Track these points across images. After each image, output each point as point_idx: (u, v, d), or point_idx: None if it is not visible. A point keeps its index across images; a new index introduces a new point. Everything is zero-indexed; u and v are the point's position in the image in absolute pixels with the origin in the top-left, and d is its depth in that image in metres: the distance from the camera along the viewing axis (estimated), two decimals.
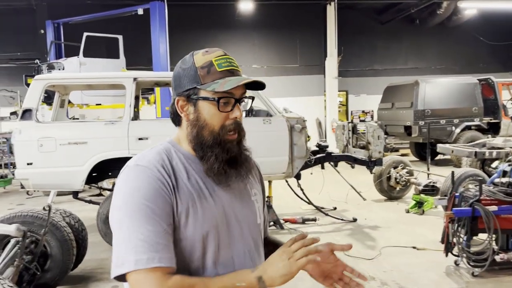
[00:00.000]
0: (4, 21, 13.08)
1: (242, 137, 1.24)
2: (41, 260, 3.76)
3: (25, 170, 4.88)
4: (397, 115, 11.68)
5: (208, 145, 1.19)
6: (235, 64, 1.22)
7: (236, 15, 13.83)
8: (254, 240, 1.27)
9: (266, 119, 5.44)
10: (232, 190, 1.24)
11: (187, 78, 1.20)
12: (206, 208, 1.16)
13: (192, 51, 1.24)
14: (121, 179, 1.16)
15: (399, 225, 5.96)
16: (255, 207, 1.30)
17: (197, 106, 1.19)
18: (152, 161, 1.16)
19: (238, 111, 1.20)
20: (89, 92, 8.52)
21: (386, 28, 15.68)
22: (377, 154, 6.11)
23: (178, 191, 1.15)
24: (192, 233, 1.14)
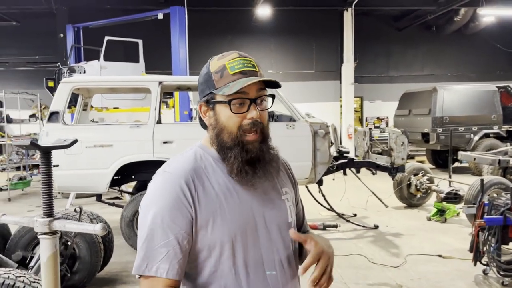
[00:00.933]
0: (24, 24, 13.30)
1: (265, 137, 1.23)
2: (70, 261, 3.78)
3: None
4: (414, 122, 11.59)
5: (227, 147, 1.21)
6: (250, 64, 1.22)
7: (253, 20, 13.89)
8: (283, 240, 1.27)
9: (290, 124, 5.43)
10: (259, 190, 1.24)
11: (205, 84, 1.24)
12: (233, 210, 1.19)
13: (211, 57, 1.27)
14: (150, 183, 1.22)
15: (422, 232, 5.89)
16: (286, 206, 1.30)
17: (215, 110, 1.23)
18: (179, 168, 1.20)
19: (254, 110, 1.19)
20: (109, 96, 8.59)
21: (402, 35, 15.62)
22: (400, 160, 6.06)
23: (203, 198, 1.17)
24: (221, 235, 1.17)
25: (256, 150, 1.20)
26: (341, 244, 5.42)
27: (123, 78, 6.03)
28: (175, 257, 1.13)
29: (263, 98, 1.23)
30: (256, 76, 1.20)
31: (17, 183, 9.42)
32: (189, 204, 1.15)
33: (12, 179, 9.44)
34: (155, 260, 1.12)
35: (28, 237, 3.76)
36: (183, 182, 1.16)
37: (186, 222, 1.14)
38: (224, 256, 1.17)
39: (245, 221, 1.20)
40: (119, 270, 4.58)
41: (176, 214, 1.14)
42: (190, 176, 1.18)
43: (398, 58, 15.79)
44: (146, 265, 1.12)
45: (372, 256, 4.94)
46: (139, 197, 5.08)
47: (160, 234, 1.13)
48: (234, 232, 1.17)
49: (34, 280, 2.42)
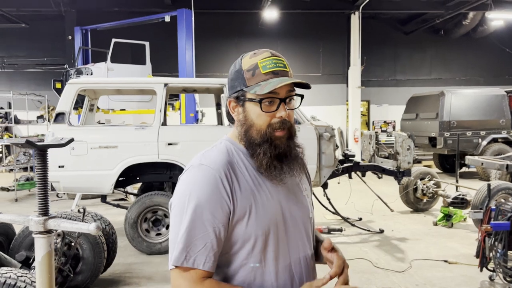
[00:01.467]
0: (34, 27, 13.41)
1: (292, 134, 1.27)
2: (73, 262, 3.78)
3: (56, 172, 4.94)
4: (421, 126, 11.51)
5: (256, 143, 1.23)
6: (281, 64, 1.25)
7: (260, 23, 13.90)
8: (306, 233, 1.32)
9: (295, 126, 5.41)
10: (284, 186, 1.27)
11: (236, 80, 1.27)
12: (266, 204, 1.22)
13: (243, 54, 1.29)
14: (186, 175, 1.23)
15: (428, 237, 5.83)
16: (307, 202, 1.36)
17: (245, 107, 1.26)
18: (216, 161, 1.22)
19: (284, 110, 1.23)
20: (115, 97, 8.63)
21: (410, 38, 15.55)
22: (406, 164, 6.01)
23: (239, 192, 1.20)
24: (255, 229, 1.19)
25: (284, 146, 1.23)
26: (345, 248, 5.38)
27: (129, 80, 6.05)
28: (211, 250, 1.16)
29: (292, 98, 1.26)
30: (287, 77, 1.23)
31: (24, 184, 9.48)
32: (228, 197, 1.17)
33: (19, 180, 9.51)
34: (194, 252, 1.15)
35: (32, 237, 3.77)
36: (223, 174, 1.19)
37: (224, 215, 1.17)
38: (256, 249, 1.20)
39: (276, 216, 1.23)
40: (123, 272, 4.58)
41: (215, 207, 1.16)
42: (227, 169, 1.21)
43: (405, 62, 15.72)
44: (185, 257, 1.15)
45: (377, 260, 4.90)
46: (143, 198, 5.09)
47: (200, 226, 1.15)
48: (268, 226, 1.20)
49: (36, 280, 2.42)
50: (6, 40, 14.06)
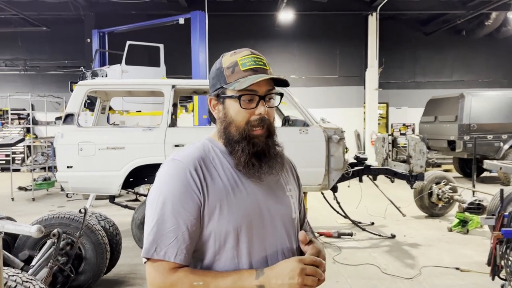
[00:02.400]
0: (55, 30, 13.72)
1: (271, 132, 1.27)
2: (76, 262, 3.80)
3: (65, 173, 5.01)
4: (440, 129, 11.25)
5: (235, 140, 1.25)
6: (261, 62, 1.26)
7: (276, 25, 13.85)
8: (287, 233, 1.30)
9: (303, 129, 5.33)
10: (264, 184, 1.27)
11: (217, 78, 1.28)
12: (240, 200, 1.22)
13: (223, 53, 1.30)
14: (159, 171, 1.25)
15: (441, 244, 5.66)
16: (290, 202, 1.34)
17: (224, 104, 1.27)
18: (188, 156, 1.24)
19: (263, 107, 1.23)
20: (129, 99, 8.72)
21: (430, 39, 15.23)
22: (419, 168, 5.85)
23: (211, 186, 1.21)
24: (226, 224, 1.19)
25: (262, 144, 1.24)
26: (354, 253, 5.27)
27: (137, 82, 6.09)
28: (183, 242, 1.16)
29: (271, 96, 1.27)
30: (260, 74, 1.23)
31: (41, 184, 9.67)
32: (198, 189, 1.19)
33: (37, 180, 9.70)
34: (164, 244, 1.16)
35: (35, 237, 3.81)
36: (192, 168, 1.20)
37: (195, 208, 1.18)
38: (228, 245, 1.20)
39: (251, 213, 1.22)
40: (127, 272, 4.59)
41: (185, 199, 1.18)
42: (199, 163, 1.22)
43: (425, 64, 15.40)
44: (155, 249, 1.16)
45: (386, 266, 4.78)
46: None
47: (170, 219, 1.17)
48: (240, 223, 1.20)
49: (27, 279, 2.43)
50: (28, 43, 14.41)
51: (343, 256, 5.14)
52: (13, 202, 8.77)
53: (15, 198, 9.02)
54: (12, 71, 14.58)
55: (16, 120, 13.96)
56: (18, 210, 7.84)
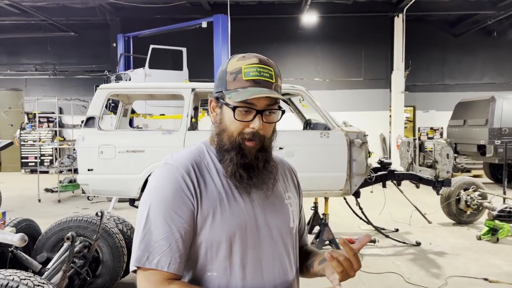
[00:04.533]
0: (82, 35, 14.02)
1: (264, 146, 1.21)
2: (93, 265, 3.81)
3: (86, 175, 5.05)
4: (469, 133, 10.89)
5: (225, 149, 1.20)
6: (266, 74, 1.18)
7: (299, 28, 13.73)
8: (284, 244, 1.24)
9: (324, 132, 5.22)
10: (261, 192, 1.22)
11: (220, 81, 1.22)
12: (234, 208, 1.17)
13: (233, 55, 1.25)
14: (152, 175, 1.21)
15: (469, 253, 5.43)
16: (288, 211, 1.28)
17: (222, 109, 1.21)
18: (181, 161, 1.19)
19: (258, 122, 1.16)
20: (152, 102, 8.77)
21: (459, 41, 14.78)
22: (445, 174, 5.63)
23: (205, 192, 1.16)
24: (219, 233, 1.14)
25: (252, 156, 1.18)
26: (377, 261, 5.11)
27: (157, 85, 6.11)
28: (177, 251, 1.11)
29: (272, 112, 1.20)
30: (269, 88, 1.17)
31: (67, 186, 9.86)
32: (191, 194, 1.14)
33: (63, 182, 9.89)
34: (157, 252, 1.10)
35: (55, 239, 3.84)
36: (185, 173, 1.16)
37: (188, 213, 1.13)
38: (220, 255, 1.15)
39: (246, 221, 1.17)
40: None
41: (178, 204, 1.12)
42: (192, 167, 1.18)
43: (454, 66, 14.95)
44: (147, 257, 1.10)
45: (409, 275, 4.60)
46: None
47: (163, 225, 1.11)
48: (233, 231, 1.15)
49: (39, 283, 2.42)
50: (57, 48, 14.77)
51: (365, 264, 4.98)
52: (39, 204, 8.96)
53: (42, 200, 9.21)
54: (42, 75, 14.97)
55: (45, 123, 14.32)
56: (44, 211, 8.00)
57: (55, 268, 3.08)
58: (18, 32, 14.38)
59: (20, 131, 13.79)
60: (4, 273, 2.37)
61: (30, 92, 14.76)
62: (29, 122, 14.22)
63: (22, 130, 13.80)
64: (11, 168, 14.21)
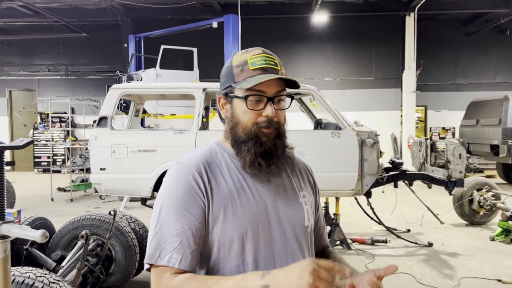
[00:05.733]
0: (94, 36, 14.14)
1: (280, 133, 1.22)
2: (106, 263, 3.85)
3: (98, 175, 5.10)
4: (482, 133, 10.77)
5: (241, 141, 1.20)
6: (272, 62, 1.21)
7: (310, 27, 13.71)
8: (298, 242, 1.23)
9: (335, 132, 5.20)
10: (275, 188, 1.23)
11: (226, 77, 1.25)
12: (246, 205, 1.17)
13: (235, 52, 1.28)
14: (166, 175, 1.23)
15: (482, 254, 5.37)
16: (303, 209, 1.27)
17: (232, 103, 1.23)
18: (193, 160, 1.20)
19: (270, 108, 1.18)
20: (163, 102, 8.83)
21: (471, 40, 14.62)
22: (458, 174, 5.58)
23: (216, 191, 1.17)
24: (231, 230, 1.14)
25: (270, 143, 1.19)
26: (388, 261, 5.08)
27: (169, 85, 6.15)
28: (188, 247, 1.12)
29: (281, 98, 1.22)
30: (276, 74, 1.19)
31: (79, 185, 9.96)
32: (202, 193, 1.15)
33: (75, 181, 10.00)
34: (168, 249, 1.11)
35: (68, 237, 3.88)
36: (196, 172, 1.17)
37: (199, 211, 1.14)
38: (232, 253, 1.15)
39: (258, 219, 1.17)
40: None
41: (189, 203, 1.14)
42: (203, 166, 1.19)
43: (467, 65, 14.79)
44: (158, 255, 1.11)
45: (422, 276, 4.57)
46: None
47: (174, 223, 1.12)
48: (245, 229, 1.15)
49: (54, 281, 2.45)
50: (69, 49, 14.93)
51: (377, 264, 4.96)
52: (52, 203, 9.07)
53: (55, 199, 9.32)
54: (54, 76, 15.14)
55: (57, 123, 14.48)
56: (57, 210, 8.09)
57: (70, 265, 3.12)
58: (31, 33, 14.57)
59: (33, 131, 13.98)
60: (20, 270, 2.41)
61: (43, 92, 14.94)
62: (42, 122, 14.39)
63: (35, 130, 13.99)
64: (24, 168, 14.40)
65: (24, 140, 1.40)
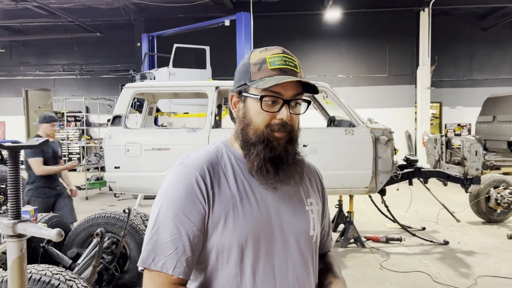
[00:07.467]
0: (108, 35, 14.27)
1: (292, 138, 1.16)
2: (121, 261, 3.88)
3: (113, 173, 5.14)
4: (499, 129, 10.59)
5: (251, 143, 1.14)
6: (291, 63, 1.15)
7: (323, 24, 13.63)
8: (301, 253, 1.17)
9: (349, 129, 5.16)
10: (281, 195, 1.17)
11: (241, 74, 1.18)
12: (248, 213, 1.11)
13: (254, 49, 1.21)
14: (168, 174, 1.17)
15: (499, 252, 5.29)
16: (309, 218, 1.21)
17: (246, 103, 1.16)
18: (197, 162, 1.15)
19: (286, 112, 1.12)
20: (176, 101, 8.87)
21: (487, 35, 14.38)
22: (474, 171, 5.49)
23: (218, 196, 1.11)
24: (230, 238, 1.09)
25: (281, 149, 1.13)
26: (403, 260, 5.03)
27: (182, 84, 6.17)
28: (184, 254, 1.07)
29: (298, 102, 1.16)
30: (295, 77, 1.13)
31: (94, 183, 10.07)
32: (203, 198, 1.10)
33: (90, 179, 10.11)
34: (163, 255, 1.07)
35: (84, 235, 3.93)
36: (199, 175, 1.11)
37: (199, 217, 1.09)
38: (231, 262, 1.10)
39: (260, 227, 1.11)
40: None
41: (189, 207, 1.09)
42: (207, 169, 1.13)
43: (482, 60, 14.55)
44: (152, 259, 1.07)
45: (437, 275, 4.51)
46: None
47: (171, 227, 1.08)
48: (245, 237, 1.09)
49: (70, 278, 2.48)
50: (83, 49, 15.10)
51: (391, 262, 4.92)
52: None
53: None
54: (69, 75, 15.33)
55: (72, 122, 14.66)
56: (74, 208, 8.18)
57: (85, 263, 3.15)
58: (46, 34, 14.77)
59: None
60: (37, 268, 2.44)
61: (58, 92, 15.14)
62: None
63: None
64: None
65: (39, 139, 1.41)
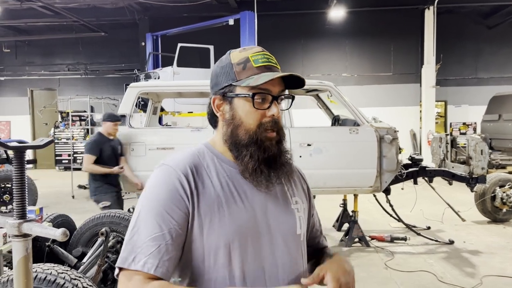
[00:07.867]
0: (112, 35, 14.30)
1: (281, 137, 1.16)
2: None
3: None
4: (505, 128, 10.53)
5: (243, 144, 1.12)
6: (273, 60, 1.16)
7: (327, 23, 13.59)
8: (289, 252, 1.16)
9: (353, 128, 5.15)
10: (265, 194, 1.15)
11: (224, 75, 1.16)
12: (233, 213, 1.09)
13: (230, 50, 1.21)
14: (150, 177, 1.15)
15: (505, 251, 5.26)
16: (295, 216, 1.20)
17: (232, 104, 1.14)
18: (178, 162, 1.13)
19: (276, 108, 1.13)
20: (181, 100, 8.88)
21: (493, 33, 14.28)
22: (480, 170, 5.46)
23: (202, 196, 1.09)
24: (216, 239, 1.07)
25: (274, 149, 1.13)
26: (408, 259, 5.02)
27: (186, 83, 6.18)
28: (166, 253, 1.04)
29: (282, 98, 1.17)
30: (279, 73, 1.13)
31: None
32: (186, 197, 1.08)
33: None
34: (144, 253, 1.03)
35: (89, 234, 3.94)
36: (182, 174, 1.10)
37: (181, 216, 1.07)
38: (218, 263, 1.08)
39: (246, 227, 1.10)
40: None
41: (171, 206, 1.06)
42: (190, 169, 1.11)
43: (488, 59, 14.45)
44: (133, 258, 1.03)
45: (443, 274, 4.50)
46: None
47: (153, 226, 1.05)
48: (232, 237, 1.08)
49: (75, 277, 2.48)
50: (88, 48, 15.14)
51: (396, 262, 4.91)
52: (73, 200, 9.22)
53: (76, 196, 9.48)
54: (74, 75, 15.39)
55: (77, 121, 14.72)
56: (78, 208, 8.22)
57: (90, 262, 3.16)
58: (51, 34, 14.82)
59: (54, 129, 14.24)
60: (42, 267, 2.45)
61: (63, 91, 15.19)
62: (62, 120, 14.65)
63: (56, 129, 14.24)
64: (46, 166, 14.69)
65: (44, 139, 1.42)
